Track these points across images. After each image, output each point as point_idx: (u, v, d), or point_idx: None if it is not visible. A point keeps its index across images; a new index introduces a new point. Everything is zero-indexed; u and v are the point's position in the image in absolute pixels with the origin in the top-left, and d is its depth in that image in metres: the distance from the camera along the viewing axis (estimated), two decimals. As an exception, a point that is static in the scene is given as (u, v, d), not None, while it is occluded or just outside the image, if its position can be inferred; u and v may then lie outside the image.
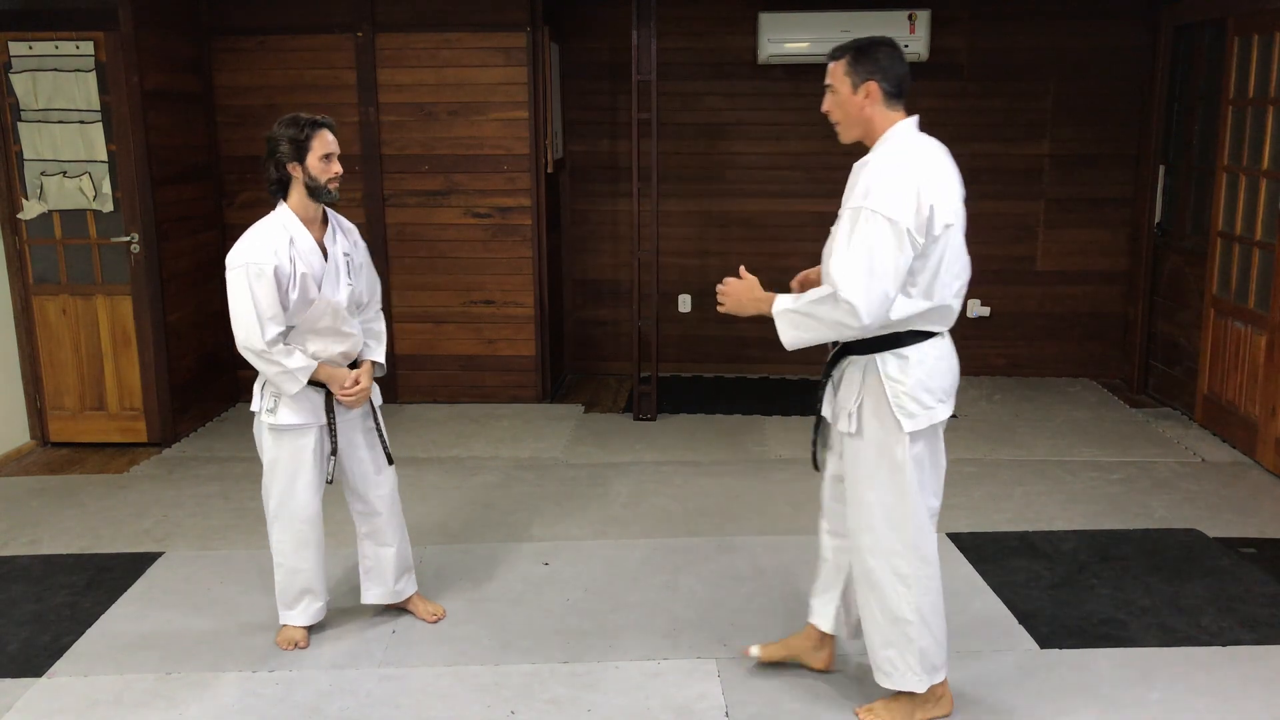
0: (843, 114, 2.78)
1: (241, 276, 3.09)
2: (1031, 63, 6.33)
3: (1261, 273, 5.06)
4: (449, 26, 5.79)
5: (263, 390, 3.25)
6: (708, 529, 4.32)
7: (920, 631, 2.84)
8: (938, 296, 2.70)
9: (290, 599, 3.40)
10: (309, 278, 3.15)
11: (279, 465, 3.27)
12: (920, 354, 2.72)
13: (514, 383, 6.13)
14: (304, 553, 3.35)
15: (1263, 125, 5.05)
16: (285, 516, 3.32)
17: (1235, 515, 4.40)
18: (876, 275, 2.59)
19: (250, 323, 3.09)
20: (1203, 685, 3.11)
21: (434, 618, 3.56)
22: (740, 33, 6.39)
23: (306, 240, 3.16)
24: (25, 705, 3.09)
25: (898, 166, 2.64)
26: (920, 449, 2.76)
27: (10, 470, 5.15)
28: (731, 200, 6.60)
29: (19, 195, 5.24)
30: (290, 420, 3.22)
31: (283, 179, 3.15)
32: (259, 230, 3.15)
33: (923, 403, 2.72)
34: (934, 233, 2.63)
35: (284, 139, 3.11)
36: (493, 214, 5.93)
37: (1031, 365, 6.68)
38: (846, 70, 2.74)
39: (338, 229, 3.30)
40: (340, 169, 3.19)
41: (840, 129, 2.82)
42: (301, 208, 3.17)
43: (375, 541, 3.49)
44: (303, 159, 3.11)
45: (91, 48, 5.10)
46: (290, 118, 3.14)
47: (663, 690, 3.12)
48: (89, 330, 5.36)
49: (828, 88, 2.80)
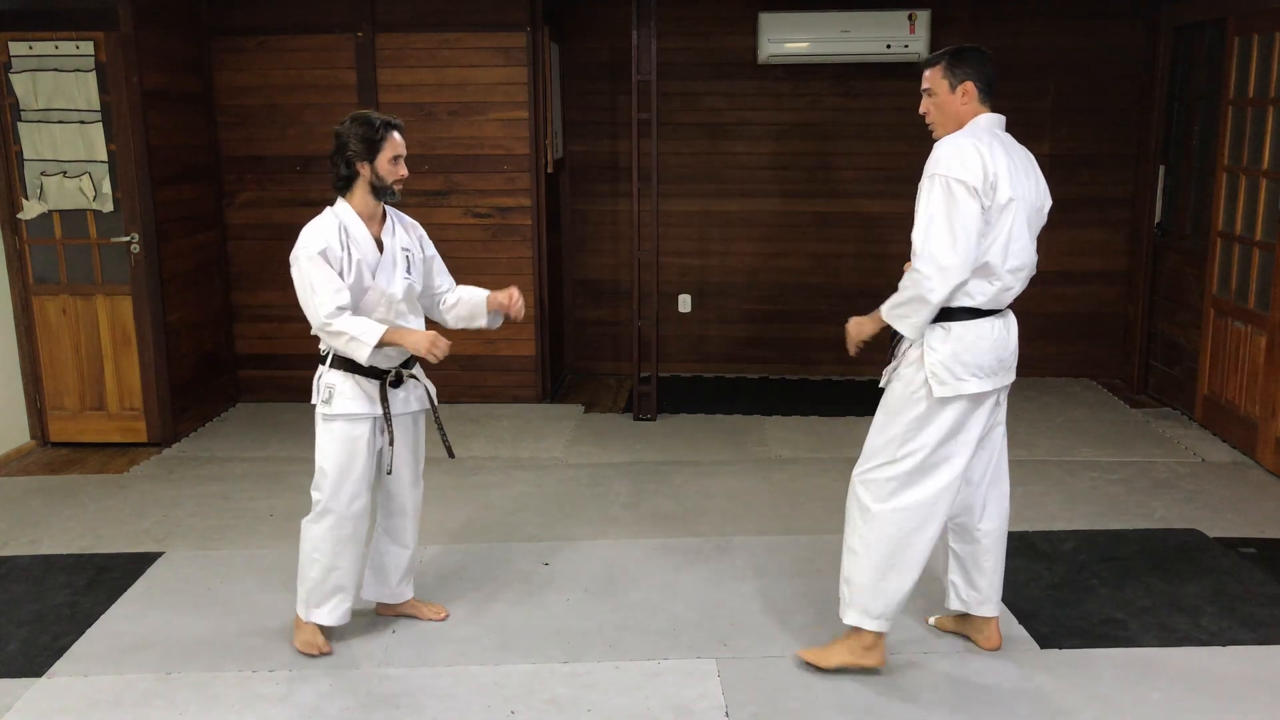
0: (940, 114, 3.04)
1: (297, 266, 3.13)
2: (1031, 63, 6.33)
3: (1261, 273, 5.06)
4: (449, 26, 5.79)
5: (318, 382, 3.25)
6: (708, 529, 4.32)
7: (861, 568, 3.05)
8: (994, 267, 2.91)
9: (320, 597, 3.33)
10: (363, 264, 3.16)
11: (331, 458, 3.24)
12: (963, 329, 2.95)
13: (514, 383, 6.13)
14: (344, 549, 3.31)
15: (1263, 125, 5.05)
16: (333, 511, 3.27)
17: (1235, 515, 4.40)
18: (955, 232, 2.83)
19: (310, 301, 3.11)
20: (1203, 685, 3.11)
21: (440, 616, 3.56)
22: (740, 33, 6.39)
23: (360, 230, 3.19)
24: (25, 705, 3.09)
25: (966, 139, 2.90)
26: (947, 415, 2.97)
27: (10, 470, 5.15)
28: (731, 200, 6.60)
29: (19, 195, 5.24)
30: (345, 409, 3.21)
31: (350, 175, 3.17)
32: (313, 222, 3.18)
33: (955, 373, 2.93)
34: (999, 201, 2.87)
35: (356, 137, 3.12)
36: (493, 214, 5.93)
37: (1031, 365, 6.65)
38: (944, 74, 3.00)
39: (397, 224, 3.32)
40: (406, 171, 3.23)
41: (936, 128, 3.06)
42: (363, 204, 3.20)
43: (393, 540, 3.48)
44: (373, 159, 3.14)
45: (91, 48, 5.10)
46: (363, 116, 3.16)
47: (663, 690, 3.12)
48: (89, 330, 5.36)
49: (925, 92, 3.05)
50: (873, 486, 3.05)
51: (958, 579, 3.29)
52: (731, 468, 5.06)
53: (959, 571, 3.29)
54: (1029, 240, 2.98)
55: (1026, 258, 2.97)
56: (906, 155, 6.31)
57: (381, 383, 3.25)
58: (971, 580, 3.26)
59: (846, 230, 6.56)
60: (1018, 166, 2.94)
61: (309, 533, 3.31)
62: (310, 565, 3.32)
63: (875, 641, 3.13)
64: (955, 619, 3.41)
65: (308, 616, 3.36)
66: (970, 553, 3.24)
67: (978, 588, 3.26)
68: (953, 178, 2.83)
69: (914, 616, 3.53)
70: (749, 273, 6.69)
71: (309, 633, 3.36)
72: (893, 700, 3.06)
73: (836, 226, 6.58)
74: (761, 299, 6.70)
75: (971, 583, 3.27)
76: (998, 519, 3.22)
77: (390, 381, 3.26)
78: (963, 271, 2.85)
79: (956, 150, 2.86)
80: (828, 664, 3.17)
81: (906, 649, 3.34)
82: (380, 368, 3.24)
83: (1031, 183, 3.00)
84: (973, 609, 3.29)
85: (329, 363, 3.23)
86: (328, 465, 3.24)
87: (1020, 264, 2.96)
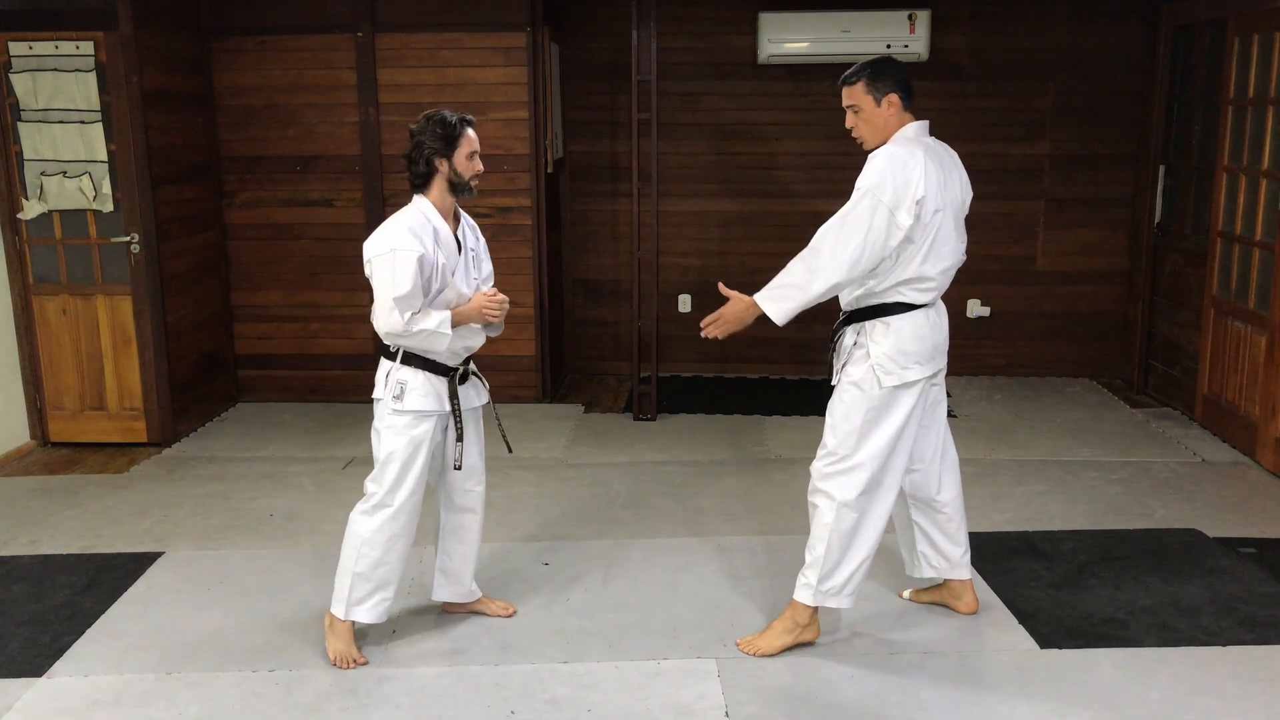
0: (869, 128, 3.19)
1: (388, 263, 3.10)
2: (1031, 63, 6.33)
3: (1261, 273, 5.06)
4: (449, 26, 5.79)
5: (388, 377, 3.25)
6: (708, 529, 4.32)
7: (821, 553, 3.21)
8: (924, 273, 3.11)
9: (364, 593, 3.29)
10: (446, 268, 3.20)
11: (396, 454, 3.24)
12: (901, 322, 3.15)
13: (514, 383, 6.12)
14: (396, 544, 3.30)
15: (1263, 125, 5.05)
16: (391, 506, 3.26)
17: (1235, 515, 4.40)
18: (844, 237, 3.03)
19: (392, 307, 3.10)
20: (1203, 685, 3.11)
21: (508, 612, 3.59)
22: (740, 33, 6.39)
23: (446, 231, 3.23)
24: (25, 705, 3.09)
25: (896, 155, 3.06)
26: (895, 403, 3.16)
27: (10, 470, 5.15)
28: (731, 200, 6.60)
29: (19, 195, 5.24)
30: (417, 406, 3.22)
31: (428, 173, 3.20)
32: (403, 219, 3.18)
33: (899, 363, 3.14)
34: (924, 217, 3.05)
35: (433, 134, 3.16)
36: (493, 214, 5.92)
37: (1031, 365, 6.68)
38: (867, 89, 3.14)
39: (467, 225, 3.36)
40: (482, 167, 3.27)
41: (866, 142, 3.21)
42: (441, 201, 3.23)
43: (459, 539, 3.49)
44: (450, 155, 3.18)
45: (91, 48, 5.10)
46: (438, 115, 3.19)
47: (663, 690, 3.12)
48: (89, 330, 5.36)
49: (851, 109, 3.18)
50: (833, 479, 3.22)
51: (927, 549, 3.50)
52: (731, 468, 5.06)
53: (926, 542, 3.49)
54: (957, 240, 3.18)
55: (955, 258, 3.18)
56: (906, 155, 6.31)
57: (451, 379, 3.29)
58: (940, 548, 3.48)
59: (846, 230, 6.56)
60: (945, 172, 3.13)
61: (361, 525, 3.29)
62: (358, 559, 3.28)
63: (811, 617, 3.32)
64: (931, 590, 3.62)
65: (346, 615, 3.30)
66: (935, 522, 3.46)
67: (947, 555, 3.48)
68: (878, 196, 3.02)
69: (916, 614, 3.54)
70: (749, 273, 6.66)
71: (345, 643, 3.31)
72: (892, 699, 3.06)
73: (836, 226, 6.58)
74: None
75: (940, 551, 3.48)
76: (954, 487, 3.45)
77: (459, 377, 3.31)
78: (848, 279, 3.06)
79: (888, 168, 3.03)
80: (771, 649, 3.30)
81: (907, 648, 3.34)
82: (449, 365, 3.29)
83: (956, 183, 3.19)
84: (946, 574, 3.50)
85: (399, 359, 3.24)
86: (393, 459, 3.24)
87: (949, 264, 3.17)
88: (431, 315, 3.16)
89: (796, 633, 3.32)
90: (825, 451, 3.26)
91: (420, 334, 3.15)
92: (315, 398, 6.23)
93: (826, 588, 3.26)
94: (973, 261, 6.51)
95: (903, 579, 3.73)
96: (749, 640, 3.35)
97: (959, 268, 3.23)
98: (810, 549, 3.28)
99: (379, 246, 3.14)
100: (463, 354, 3.34)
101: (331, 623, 3.33)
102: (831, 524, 3.21)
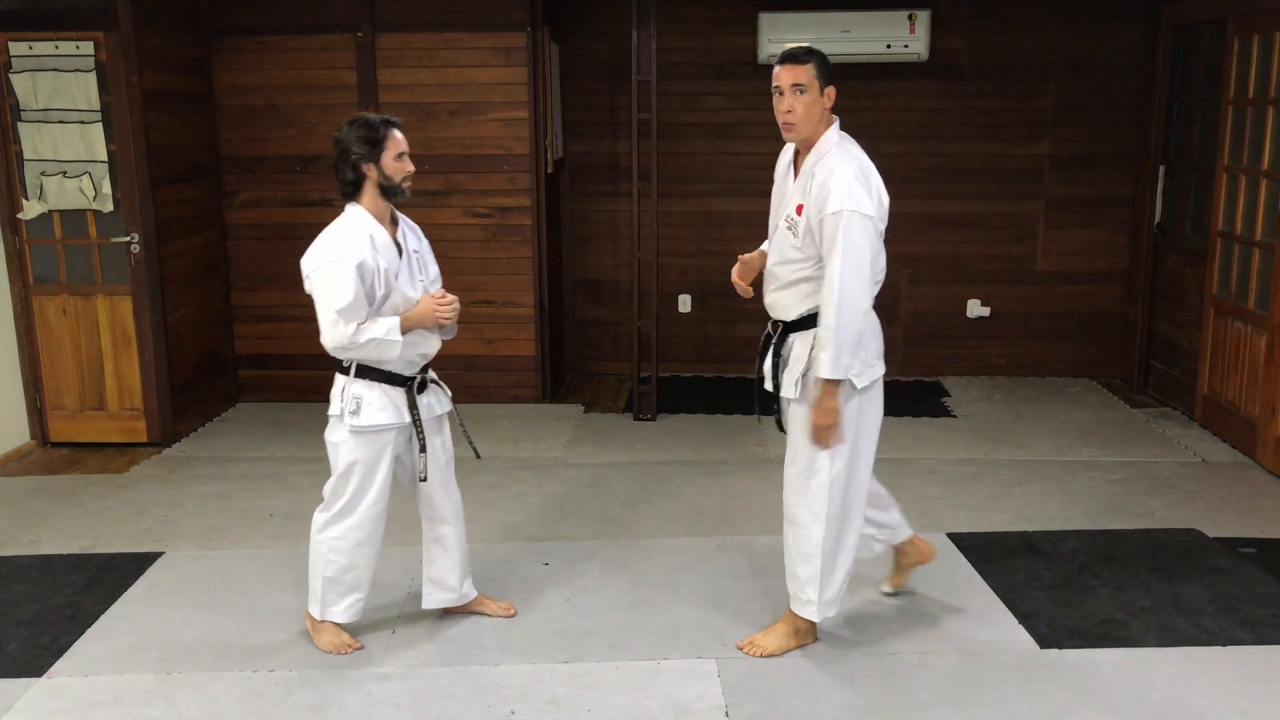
0: (808, 114, 3.02)
1: (325, 275, 3.07)
2: (1031, 63, 6.33)
3: (1261, 273, 5.06)
4: (449, 26, 5.79)
5: (343, 393, 3.20)
6: (708, 529, 4.32)
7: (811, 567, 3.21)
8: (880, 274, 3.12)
9: (336, 596, 3.33)
10: (389, 274, 3.15)
11: (356, 467, 3.22)
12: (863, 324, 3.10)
13: (514, 383, 6.13)
14: (362, 550, 3.31)
15: (1263, 125, 5.05)
16: (353, 515, 3.26)
17: (1235, 515, 4.40)
18: (864, 265, 2.99)
19: (335, 320, 3.06)
20: (1203, 685, 3.11)
21: (509, 613, 3.58)
22: (740, 33, 6.38)
23: (383, 236, 3.17)
24: (25, 705, 3.09)
25: (859, 168, 3.01)
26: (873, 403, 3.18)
27: (10, 470, 5.15)
28: (732, 200, 6.60)
29: (19, 195, 5.24)
30: (374, 421, 3.18)
31: (357, 179, 3.15)
32: (338, 230, 3.14)
33: (867, 362, 3.12)
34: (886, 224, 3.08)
35: (358, 139, 3.11)
36: (493, 214, 5.93)
37: (1031, 365, 6.68)
38: (818, 73, 2.98)
39: (406, 227, 3.31)
40: (413, 168, 3.22)
41: (798, 129, 3.04)
42: (374, 207, 3.18)
43: (443, 548, 3.47)
44: (378, 159, 3.12)
45: (91, 48, 5.10)
46: (360, 119, 3.14)
47: (663, 690, 3.12)
48: (89, 330, 5.36)
49: (796, 88, 2.97)
50: (815, 493, 3.17)
51: (870, 529, 3.44)
52: (731, 468, 5.06)
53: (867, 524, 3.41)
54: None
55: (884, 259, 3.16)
56: (907, 155, 6.31)
57: (408, 389, 3.24)
58: (877, 521, 3.45)
59: (846, 230, 6.55)
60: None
61: (326, 534, 3.29)
62: (326, 565, 3.30)
63: (810, 623, 3.34)
64: (896, 571, 3.64)
65: (323, 615, 3.35)
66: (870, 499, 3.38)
67: (885, 523, 3.47)
68: (860, 213, 2.96)
69: (916, 614, 3.54)
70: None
71: (332, 632, 3.36)
72: (893, 700, 3.06)
73: (836, 226, 6.58)
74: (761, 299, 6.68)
75: (878, 523, 3.46)
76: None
77: (415, 387, 3.26)
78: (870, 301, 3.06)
79: (857, 181, 2.97)
80: (771, 650, 3.31)
81: (907, 649, 3.34)
82: (405, 375, 3.23)
83: None
84: (894, 540, 3.52)
85: (352, 372, 3.19)
86: (353, 471, 3.22)
87: (884, 265, 3.16)
88: (379, 322, 3.10)
89: (798, 637, 3.33)
90: (801, 466, 3.19)
91: (370, 343, 3.09)
92: (315, 398, 6.21)
93: (827, 598, 3.26)
94: (973, 261, 6.59)
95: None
96: (750, 641, 3.35)
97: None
98: (801, 565, 3.24)
99: (315, 260, 3.09)
100: (419, 361, 3.28)
101: (312, 622, 3.38)
102: (821, 540, 3.18)
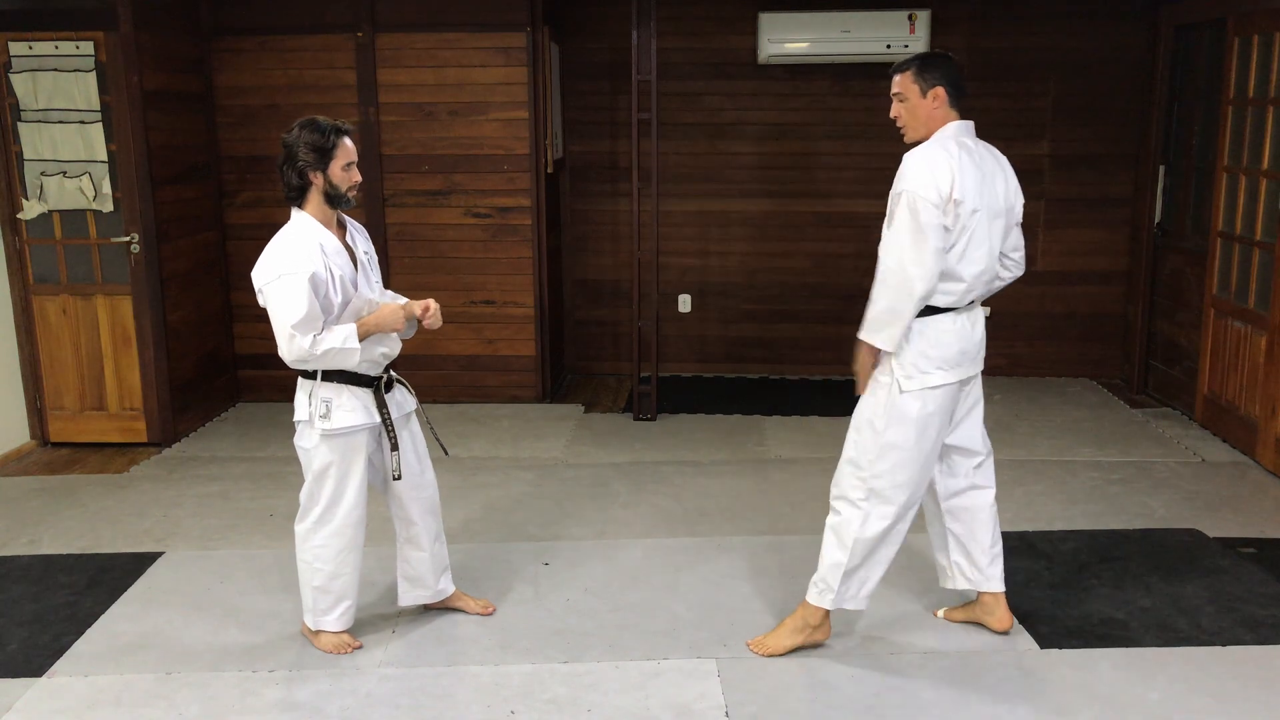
0: (912, 119, 3.14)
1: (278, 289, 3.01)
2: (1031, 63, 6.33)
3: (1261, 273, 5.05)
4: (449, 26, 5.79)
5: (310, 397, 3.18)
6: (708, 529, 4.32)
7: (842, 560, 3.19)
8: (959, 273, 3.06)
9: (327, 605, 3.32)
10: (345, 280, 3.11)
11: (331, 470, 3.20)
12: (924, 325, 3.08)
13: (514, 383, 6.13)
14: (346, 557, 3.29)
15: (1263, 125, 5.05)
16: (333, 521, 3.25)
17: (1235, 515, 4.40)
18: (920, 248, 2.96)
19: (292, 334, 3.01)
20: (1203, 685, 3.11)
21: (486, 611, 3.57)
22: (740, 33, 6.38)
23: (333, 242, 3.12)
24: (25, 705, 3.09)
25: (933, 152, 3.02)
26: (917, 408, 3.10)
27: (10, 470, 5.15)
28: (731, 200, 6.60)
29: (19, 195, 5.24)
30: (346, 423, 3.16)
31: (302, 186, 3.09)
32: (286, 240, 3.07)
33: (920, 368, 3.09)
34: (964, 214, 3.00)
35: (306, 145, 3.04)
36: (493, 214, 5.93)
37: (1031, 365, 6.68)
38: (915, 78, 3.11)
39: (354, 230, 3.28)
40: (360, 177, 3.16)
41: (908, 132, 3.17)
42: (320, 213, 3.13)
43: (415, 546, 3.46)
44: (326, 167, 3.06)
45: (91, 48, 5.10)
46: (310, 123, 3.07)
47: (663, 690, 3.12)
48: (89, 330, 5.36)
49: (896, 96, 3.16)
50: (856, 486, 3.18)
51: (961, 559, 3.39)
52: (731, 468, 5.06)
53: (960, 552, 3.39)
54: (993, 245, 3.11)
55: (988, 262, 3.11)
56: (906, 155, 6.31)
57: (376, 389, 3.22)
58: (973, 558, 3.37)
59: (846, 230, 6.56)
60: (985, 175, 3.08)
61: (309, 542, 3.28)
62: (313, 574, 3.30)
63: (823, 619, 3.31)
64: (964, 608, 3.50)
65: (317, 625, 3.36)
66: (967, 531, 3.36)
67: (979, 564, 3.37)
68: (919, 195, 2.96)
69: (915, 615, 3.54)
70: (749, 273, 6.69)
71: (330, 637, 3.36)
72: (893, 700, 3.06)
73: (836, 226, 6.58)
74: (761, 299, 6.70)
75: (974, 561, 3.37)
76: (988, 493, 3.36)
77: (383, 386, 3.24)
78: (929, 283, 2.99)
79: (924, 165, 3.00)
80: (781, 649, 3.30)
81: (907, 649, 3.34)
82: (371, 375, 3.21)
83: (1000, 187, 3.13)
84: (980, 587, 3.39)
85: (319, 376, 3.17)
86: (328, 475, 3.21)
87: (982, 269, 3.10)
88: (335, 331, 3.05)
89: (807, 633, 3.31)
90: (846, 458, 3.22)
91: (328, 354, 3.04)
92: (315, 398, 6.22)
93: (846, 592, 3.24)
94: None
95: (906, 578, 3.73)
96: (759, 640, 3.35)
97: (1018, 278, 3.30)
98: (828, 553, 3.23)
99: (266, 275, 3.03)
100: (382, 361, 3.24)
101: (309, 631, 3.40)
102: (856, 531, 3.17)
